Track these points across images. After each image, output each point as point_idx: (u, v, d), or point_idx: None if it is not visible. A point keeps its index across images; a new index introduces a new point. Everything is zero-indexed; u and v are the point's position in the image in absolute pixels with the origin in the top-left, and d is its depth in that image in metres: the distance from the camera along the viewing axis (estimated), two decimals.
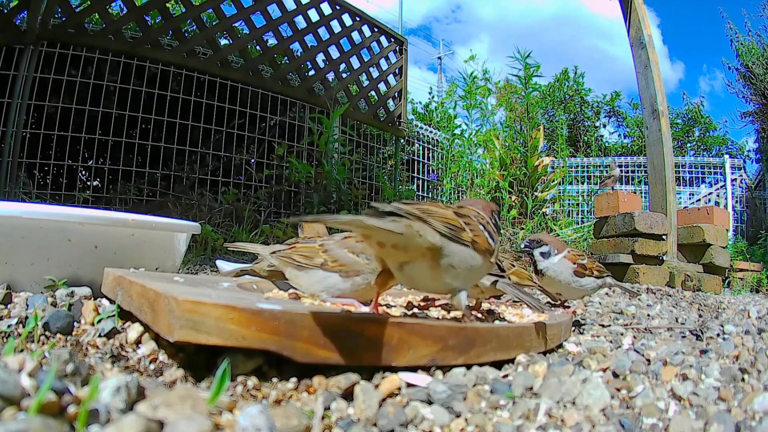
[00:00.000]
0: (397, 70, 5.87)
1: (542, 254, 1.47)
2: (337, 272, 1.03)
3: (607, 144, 13.10)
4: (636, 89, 4.50)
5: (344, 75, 5.28)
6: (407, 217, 0.74)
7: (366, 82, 5.48)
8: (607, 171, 8.86)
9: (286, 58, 4.92)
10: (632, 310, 1.92)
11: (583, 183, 8.80)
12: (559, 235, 5.49)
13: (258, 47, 4.73)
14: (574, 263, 1.46)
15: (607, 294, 2.47)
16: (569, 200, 7.94)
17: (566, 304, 1.62)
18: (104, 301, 1.00)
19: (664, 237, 3.92)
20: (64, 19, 3.78)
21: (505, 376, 0.79)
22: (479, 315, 1.18)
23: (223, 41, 4.76)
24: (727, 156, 9.22)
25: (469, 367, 0.78)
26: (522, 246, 1.52)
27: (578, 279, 1.46)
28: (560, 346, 1.08)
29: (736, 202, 8.45)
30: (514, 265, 1.46)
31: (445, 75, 24.01)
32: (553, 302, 1.66)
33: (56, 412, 0.44)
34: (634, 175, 8.76)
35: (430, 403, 0.65)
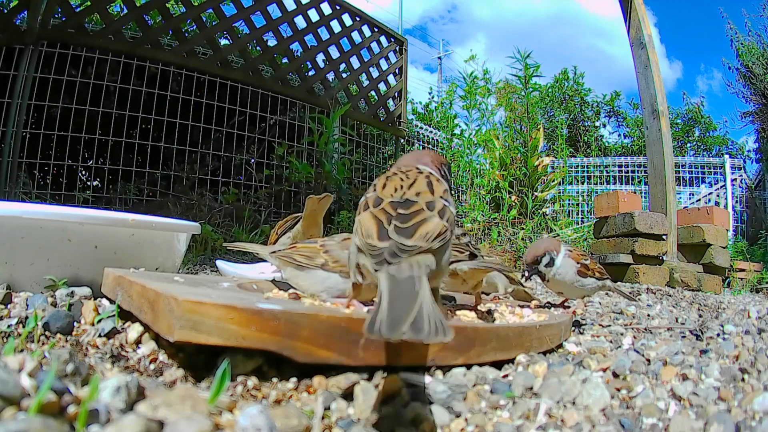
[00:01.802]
0: (397, 70, 5.87)
1: (546, 265, 1.43)
2: (337, 273, 1.04)
3: (607, 144, 13.10)
4: (636, 89, 4.50)
5: (344, 75, 5.28)
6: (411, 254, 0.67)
7: (366, 82, 5.48)
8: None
9: (286, 58, 4.92)
10: (632, 310, 1.91)
11: (583, 183, 8.79)
12: (558, 235, 5.48)
13: (258, 47, 4.73)
14: (578, 263, 1.46)
15: (607, 294, 2.47)
16: (569, 200, 7.93)
17: (566, 304, 1.62)
18: (104, 301, 1.00)
19: (664, 237, 3.92)
20: (64, 19, 3.78)
21: (505, 376, 0.79)
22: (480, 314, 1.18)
23: (223, 41, 4.76)
24: (727, 156, 9.22)
25: (469, 367, 0.78)
26: (524, 273, 1.44)
27: (581, 279, 1.46)
28: (560, 346, 1.08)
29: (736, 202, 8.45)
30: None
31: (443, 75, 24.06)
32: (552, 304, 1.66)
33: (56, 412, 0.44)
34: (634, 175, 8.76)
35: (430, 403, 0.65)
